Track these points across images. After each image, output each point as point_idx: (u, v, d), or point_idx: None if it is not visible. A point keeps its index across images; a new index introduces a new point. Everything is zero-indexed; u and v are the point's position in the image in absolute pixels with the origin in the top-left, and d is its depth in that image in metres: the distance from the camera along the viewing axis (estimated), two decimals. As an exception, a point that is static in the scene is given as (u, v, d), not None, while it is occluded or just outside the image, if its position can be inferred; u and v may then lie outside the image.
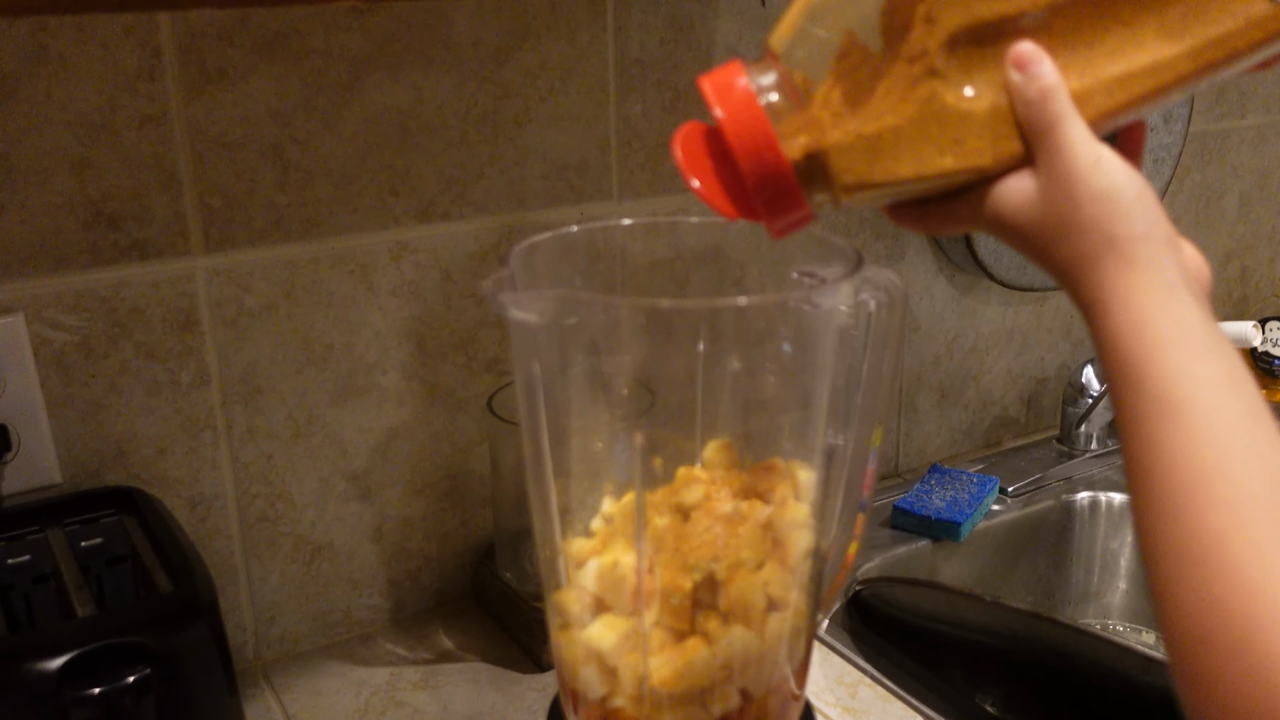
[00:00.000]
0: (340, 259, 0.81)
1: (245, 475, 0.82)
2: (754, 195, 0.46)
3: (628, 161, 0.91)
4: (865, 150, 0.45)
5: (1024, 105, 0.45)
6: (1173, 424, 0.40)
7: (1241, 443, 0.39)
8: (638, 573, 0.49)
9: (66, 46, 0.69)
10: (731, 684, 0.51)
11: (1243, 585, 0.37)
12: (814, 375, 0.51)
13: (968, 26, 0.44)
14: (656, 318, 0.47)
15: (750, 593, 0.50)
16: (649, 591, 0.49)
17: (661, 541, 0.50)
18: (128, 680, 0.56)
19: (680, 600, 0.49)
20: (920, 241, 1.10)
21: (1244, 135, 1.34)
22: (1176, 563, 0.38)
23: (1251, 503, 0.38)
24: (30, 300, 0.72)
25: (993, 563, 1.06)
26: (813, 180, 0.46)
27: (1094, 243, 0.44)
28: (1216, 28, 0.45)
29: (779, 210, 0.46)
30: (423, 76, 0.81)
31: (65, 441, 0.75)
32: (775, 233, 0.48)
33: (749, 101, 0.45)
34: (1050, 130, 0.44)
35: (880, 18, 0.45)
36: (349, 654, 0.87)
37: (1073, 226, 0.44)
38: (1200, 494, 0.39)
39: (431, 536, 0.90)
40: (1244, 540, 0.37)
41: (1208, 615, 0.37)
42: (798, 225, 0.48)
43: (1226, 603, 0.37)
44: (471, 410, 0.89)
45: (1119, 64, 0.45)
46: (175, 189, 0.74)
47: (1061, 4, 0.45)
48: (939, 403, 1.18)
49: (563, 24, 0.85)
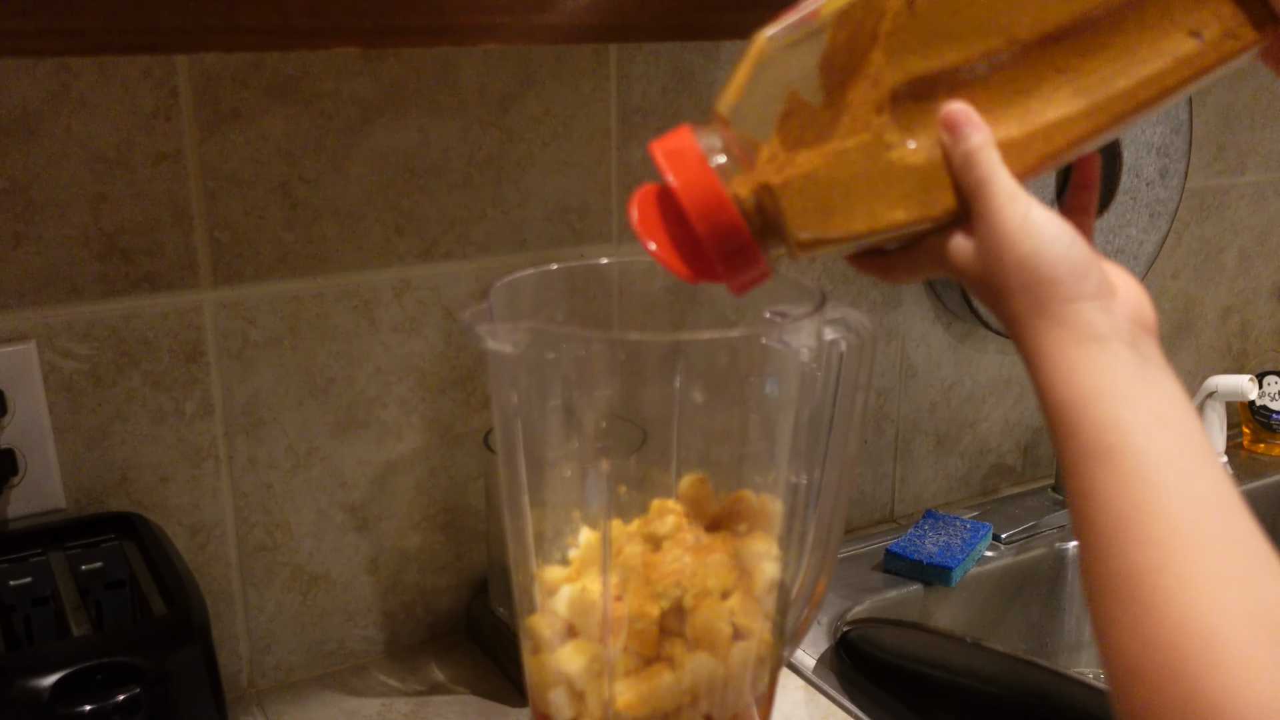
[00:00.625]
0: (344, 295, 0.84)
1: (245, 504, 0.83)
2: (711, 255, 0.47)
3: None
4: (817, 207, 0.46)
5: (953, 167, 0.47)
6: (1104, 469, 0.42)
7: (1170, 480, 0.41)
8: (603, 599, 0.51)
9: (87, 87, 0.72)
10: (695, 709, 0.52)
11: (1171, 620, 0.38)
12: (780, 410, 0.53)
13: (907, 82, 0.46)
14: (628, 351, 0.49)
15: (716, 620, 0.51)
16: (617, 618, 0.51)
17: (632, 570, 0.52)
18: (118, 699, 0.57)
19: (647, 626, 0.51)
20: (917, 289, 1.12)
21: (1243, 191, 1.35)
22: (1112, 600, 0.40)
23: (1179, 539, 0.39)
24: (43, 329, 0.74)
25: (985, 609, 1.07)
26: (768, 237, 0.48)
27: (1025, 304, 0.46)
28: (1147, 68, 0.47)
29: (736, 269, 0.48)
30: (429, 120, 0.84)
31: (70, 467, 0.77)
32: (736, 290, 0.49)
33: (700, 164, 0.47)
34: (977, 193, 0.46)
35: (820, 75, 0.46)
36: (342, 684, 0.88)
37: (1004, 290, 0.46)
38: (1132, 533, 0.40)
39: (427, 569, 0.92)
40: (1173, 576, 0.39)
41: (1140, 649, 0.38)
42: (756, 282, 0.49)
43: (1156, 637, 0.38)
44: (469, 445, 0.91)
45: (1056, 109, 0.47)
46: (186, 224, 0.77)
47: (997, 57, 0.46)
48: (935, 449, 1.19)
49: (566, 73, 0.88)
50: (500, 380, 0.52)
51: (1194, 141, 1.23)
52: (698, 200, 0.47)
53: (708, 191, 0.46)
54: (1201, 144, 1.28)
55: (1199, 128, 1.25)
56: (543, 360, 0.49)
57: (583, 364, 0.50)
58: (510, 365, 0.51)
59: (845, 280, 1.07)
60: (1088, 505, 0.42)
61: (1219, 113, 1.29)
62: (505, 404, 0.52)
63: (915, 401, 1.16)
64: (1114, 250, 1.18)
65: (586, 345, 0.49)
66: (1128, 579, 0.40)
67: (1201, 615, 0.38)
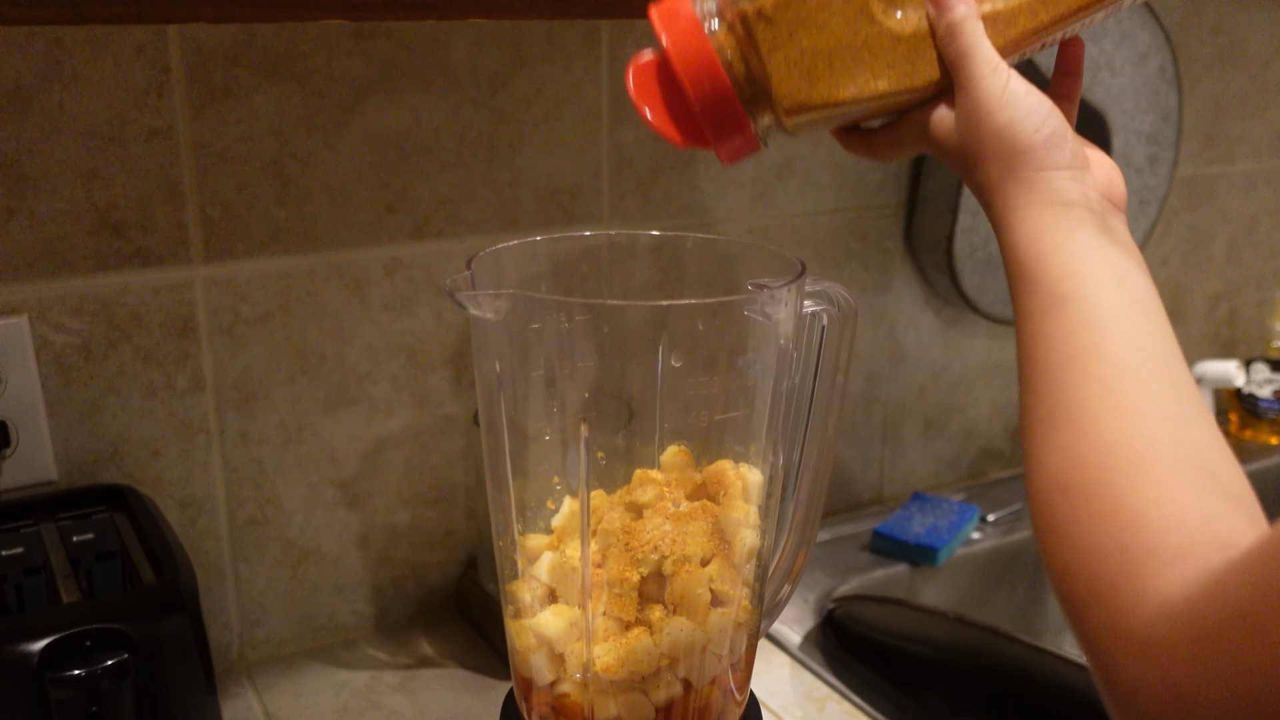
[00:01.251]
0: (335, 272, 0.84)
1: (236, 479, 0.84)
2: (700, 119, 0.48)
3: (619, 187, 0.94)
4: (802, 74, 0.47)
5: (937, 38, 0.48)
6: (1058, 314, 0.44)
7: (1119, 329, 0.43)
8: (583, 564, 0.51)
9: (80, 62, 0.73)
10: (673, 673, 0.53)
11: (1102, 442, 0.40)
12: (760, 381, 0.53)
13: None
14: (611, 321, 0.50)
15: (694, 586, 0.52)
16: (597, 583, 0.52)
17: (613, 537, 0.52)
18: (106, 663, 0.58)
19: (627, 592, 0.51)
20: (907, 273, 1.13)
21: (1233, 180, 1.36)
22: (1049, 425, 0.42)
23: (1121, 377, 0.41)
24: (35, 302, 0.75)
25: (971, 590, 1.08)
26: (756, 104, 0.48)
27: (999, 171, 0.48)
28: None
29: (724, 133, 0.49)
30: (421, 100, 0.84)
31: (63, 440, 0.78)
32: (725, 157, 0.50)
33: (694, 28, 0.48)
34: (958, 64, 0.48)
35: None
36: (332, 657, 0.89)
37: (980, 156, 0.48)
38: (1076, 370, 0.42)
39: (417, 545, 0.93)
40: (1108, 407, 0.41)
41: (1069, 466, 0.40)
42: (745, 151, 0.50)
43: (1087, 456, 0.40)
44: (459, 423, 0.92)
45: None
46: (178, 200, 0.78)
47: None
48: (924, 433, 1.20)
49: (558, 53, 0.89)
50: (483, 349, 0.53)
51: (1184, 130, 1.24)
52: (689, 64, 0.48)
53: (699, 56, 0.47)
54: (1191, 132, 1.28)
55: (1189, 116, 1.26)
56: (525, 329, 0.50)
57: (565, 334, 0.50)
58: (492, 333, 0.51)
59: (835, 263, 1.08)
60: (1037, 347, 0.44)
61: (1209, 102, 1.30)
62: (487, 373, 0.52)
63: (904, 385, 1.17)
64: (1103, 236, 1.18)
65: (569, 313, 0.50)
66: (1066, 407, 0.41)
67: (1133, 442, 0.39)
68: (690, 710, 0.54)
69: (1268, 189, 1.40)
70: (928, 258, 1.11)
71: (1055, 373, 0.42)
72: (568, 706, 0.54)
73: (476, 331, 0.53)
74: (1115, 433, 0.40)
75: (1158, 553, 0.37)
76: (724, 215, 1.00)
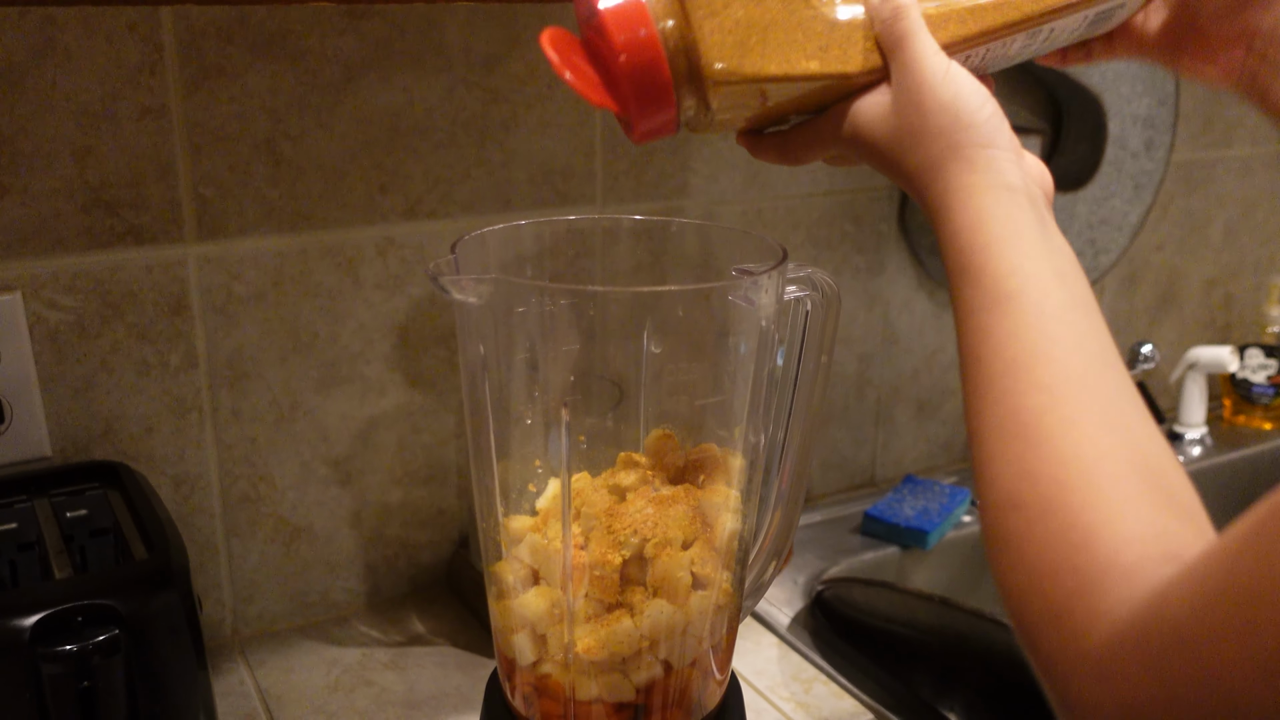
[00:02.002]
0: (328, 252, 0.84)
1: (229, 456, 0.85)
2: (625, 84, 0.48)
3: (612, 168, 0.94)
4: (735, 42, 0.47)
5: (879, 22, 0.49)
6: (1003, 313, 0.43)
7: (1064, 331, 0.42)
8: (565, 546, 0.52)
9: (72, 40, 0.73)
10: (653, 654, 0.53)
11: (1055, 455, 0.39)
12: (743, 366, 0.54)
13: None
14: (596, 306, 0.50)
15: (675, 569, 0.52)
16: (579, 565, 0.52)
17: (595, 519, 0.53)
18: (98, 639, 0.59)
19: (608, 574, 0.52)
20: (901, 256, 1.13)
21: (1230, 165, 1.36)
22: (998, 437, 0.41)
23: (1068, 385, 0.41)
24: (28, 280, 0.75)
25: (961, 573, 1.08)
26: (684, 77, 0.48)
27: (941, 149, 0.47)
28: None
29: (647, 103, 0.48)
30: (414, 80, 0.84)
31: (56, 416, 0.78)
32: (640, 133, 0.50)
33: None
34: (901, 44, 0.48)
35: None
36: (323, 634, 0.90)
37: (921, 135, 0.48)
38: (1024, 376, 0.42)
39: (409, 524, 0.93)
40: (1058, 417, 0.40)
41: (1021, 482, 0.39)
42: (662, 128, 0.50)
43: (1039, 470, 0.39)
44: (451, 402, 0.92)
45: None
46: (171, 178, 0.78)
47: None
48: (916, 415, 1.20)
49: (551, 33, 0.88)
50: (467, 332, 0.53)
51: (1181, 114, 1.23)
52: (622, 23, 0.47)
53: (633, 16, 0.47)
54: (1189, 116, 1.28)
55: (1186, 100, 1.26)
56: (509, 314, 0.50)
57: (549, 318, 0.51)
58: (476, 317, 0.52)
59: (829, 246, 1.08)
60: (983, 347, 0.43)
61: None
62: (471, 356, 0.53)
63: (897, 367, 1.17)
64: (1098, 220, 1.18)
65: (552, 298, 0.50)
66: (1015, 418, 0.41)
67: (1084, 454, 0.39)
68: (670, 691, 0.55)
69: (1264, 174, 1.40)
70: (922, 240, 1.12)
71: (1002, 379, 0.42)
72: (550, 686, 0.55)
73: (461, 315, 0.53)
74: (1066, 444, 0.39)
75: (1109, 571, 0.36)
76: (717, 197, 1.00)
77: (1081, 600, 0.36)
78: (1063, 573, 0.37)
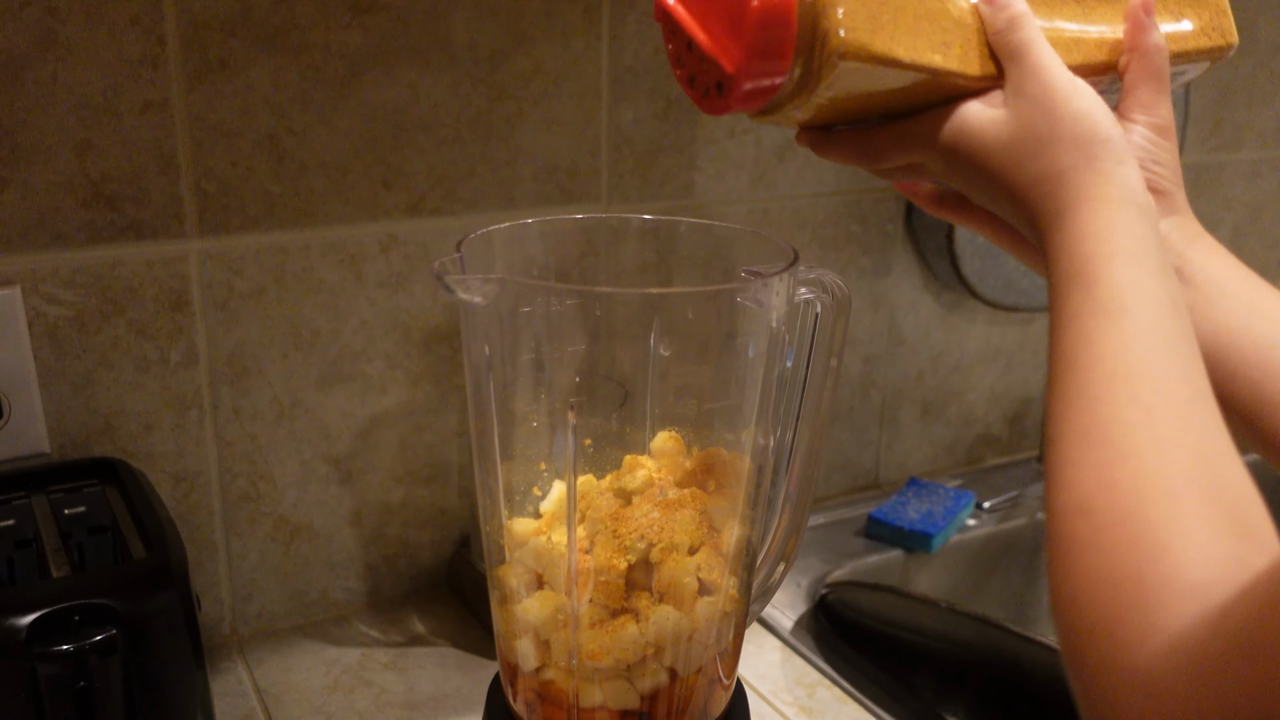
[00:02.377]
0: (330, 248, 0.84)
1: (229, 454, 0.84)
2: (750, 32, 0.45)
3: (618, 167, 0.93)
4: (869, 16, 0.46)
5: (994, 34, 0.48)
6: (1113, 324, 0.42)
7: (1172, 357, 0.42)
8: (569, 550, 0.51)
9: (74, 32, 0.72)
10: (659, 661, 0.53)
11: (1140, 469, 0.38)
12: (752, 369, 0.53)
13: None
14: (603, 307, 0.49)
15: (681, 575, 0.52)
16: (584, 570, 0.52)
17: (600, 523, 0.52)
18: (95, 639, 0.58)
19: (614, 579, 0.51)
20: (907, 258, 1.12)
21: (1238, 168, 1.35)
22: (1083, 443, 0.40)
23: (1167, 408, 0.40)
24: (28, 274, 0.75)
25: (966, 576, 1.08)
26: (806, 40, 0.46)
27: (1073, 158, 0.46)
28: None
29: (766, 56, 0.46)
30: (419, 75, 0.83)
31: (55, 412, 0.77)
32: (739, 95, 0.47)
33: None
34: (1023, 53, 0.48)
35: None
36: (323, 634, 0.89)
37: (1049, 143, 0.47)
38: (1123, 389, 0.41)
39: (410, 523, 0.93)
40: (1151, 436, 0.39)
41: (1098, 489, 0.39)
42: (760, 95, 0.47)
43: (1120, 480, 0.38)
44: (453, 401, 0.91)
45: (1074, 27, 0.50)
46: (173, 173, 0.77)
47: None
48: (921, 417, 1.20)
49: (558, 30, 0.88)
50: (472, 332, 0.53)
51: (1190, 117, 1.23)
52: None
53: None
54: (1198, 119, 1.27)
55: (1196, 103, 1.25)
56: (515, 313, 0.50)
57: (555, 318, 0.50)
58: (482, 317, 0.51)
59: (835, 246, 1.07)
60: (1082, 354, 0.42)
61: (1216, 89, 1.29)
62: (476, 356, 0.52)
63: (903, 369, 1.16)
64: (1106, 223, 1.17)
65: (559, 298, 0.49)
66: (1104, 427, 0.40)
67: (1171, 474, 0.38)
68: (676, 698, 0.54)
69: (1274, 177, 1.39)
70: (928, 242, 1.11)
71: (1097, 387, 0.41)
72: (553, 693, 0.54)
73: (466, 315, 0.53)
74: (1155, 462, 0.38)
75: (1173, 584, 0.35)
76: (723, 196, 0.99)
77: (1139, 612, 0.35)
78: (1126, 582, 0.36)
